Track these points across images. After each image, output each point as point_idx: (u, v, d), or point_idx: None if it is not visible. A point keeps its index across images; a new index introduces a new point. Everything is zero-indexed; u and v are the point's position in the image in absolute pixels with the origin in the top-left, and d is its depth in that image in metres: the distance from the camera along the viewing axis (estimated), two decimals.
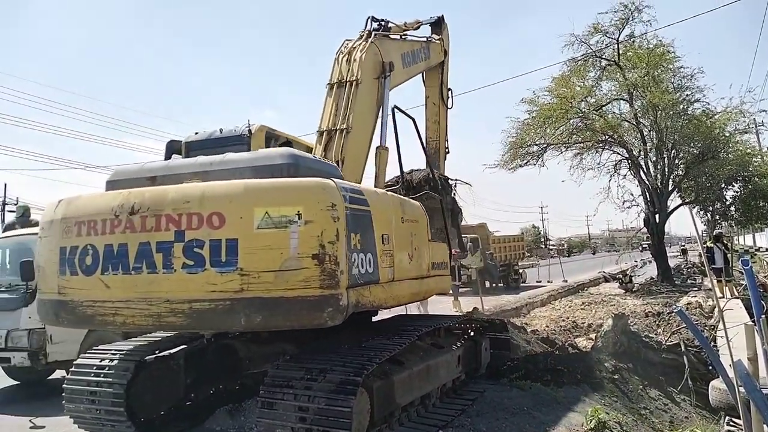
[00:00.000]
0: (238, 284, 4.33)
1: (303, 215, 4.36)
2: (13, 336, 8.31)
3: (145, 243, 4.57)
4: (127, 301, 4.64)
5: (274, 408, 4.73)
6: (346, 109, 7.25)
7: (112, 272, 4.67)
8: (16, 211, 14.59)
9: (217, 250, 4.37)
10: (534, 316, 16.95)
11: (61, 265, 4.93)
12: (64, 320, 5.10)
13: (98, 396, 5.60)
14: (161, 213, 4.56)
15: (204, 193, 4.55)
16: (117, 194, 4.89)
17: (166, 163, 5.54)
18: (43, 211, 5.77)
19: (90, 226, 4.81)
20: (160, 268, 4.51)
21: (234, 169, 5.06)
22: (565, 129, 22.83)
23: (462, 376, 7.06)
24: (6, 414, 7.71)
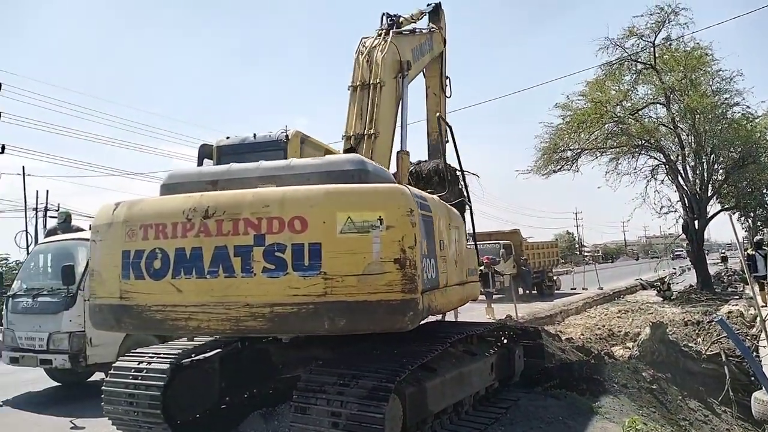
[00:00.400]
0: (322, 288, 4.35)
1: (385, 220, 4.40)
2: (54, 339, 8.54)
3: (221, 247, 4.56)
4: (202, 305, 4.60)
5: (307, 413, 4.75)
6: (371, 113, 7.26)
7: (184, 276, 4.64)
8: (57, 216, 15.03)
9: (300, 254, 4.39)
10: (569, 324, 16.71)
11: (124, 269, 4.87)
12: (128, 325, 5.03)
13: (136, 398, 5.69)
14: (239, 217, 4.56)
15: (284, 198, 4.57)
16: (187, 197, 4.86)
17: (227, 168, 5.51)
18: (90, 216, 5.91)
19: (159, 230, 4.77)
20: (238, 272, 4.51)
21: (301, 174, 5.07)
22: (599, 134, 22.53)
23: (495, 384, 6.98)
24: (48, 414, 7.94)
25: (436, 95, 10.65)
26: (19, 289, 9.48)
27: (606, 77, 22.74)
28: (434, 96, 10.65)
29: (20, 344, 8.94)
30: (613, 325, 15.35)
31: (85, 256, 8.93)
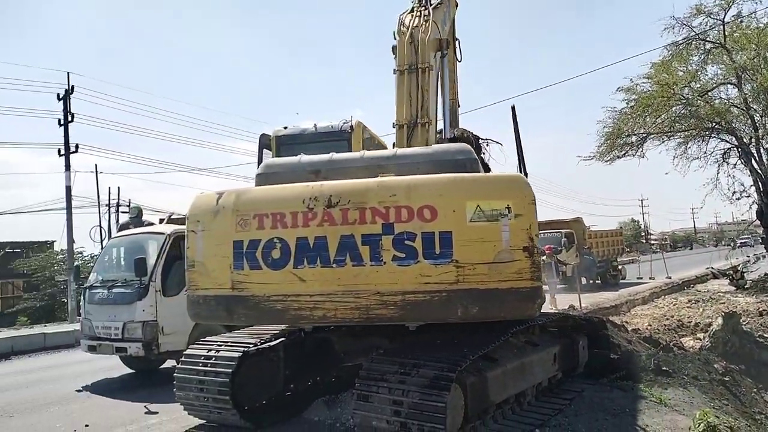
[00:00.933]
0: (454, 276, 4.42)
1: (513, 209, 4.46)
2: (128, 328, 8.95)
3: (348, 236, 4.59)
4: (328, 294, 4.61)
5: (370, 401, 4.83)
6: (423, 100, 7.13)
7: (308, 265, 4.65)
8: (129, 212, 15.72)
9: (431, 243, 4.46)
10: (635, 315, 16.22)
11: (236, 259, 4.82)
12: (241, 316, 4.96)
13: (206, 385, 5.91)
14: (365, 206, 4.59)
15: (411, 187, 4.62)
16: (305, 186, 4.86)
17: (328, 158, 5.52)
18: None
19: (276, 219, 4.76)
20: (367, 260, 4.54)
21: (410, 163, 5.11)
22: (666, 117, 21.65)
23: (559, 375, 6.88)
24: (123, 399, 8.33)
25: (451, 62, 10.14)
26: (95, 281, 9.95)
27: (672, 58, 21.77)
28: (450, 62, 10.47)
29: (97, 333, 9.41)
30: (682, 315, 14.83)
31: (156, 248, 9.34)
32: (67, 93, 23.12)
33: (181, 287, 9.25)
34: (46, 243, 34.28)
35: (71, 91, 23.18)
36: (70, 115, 23.14)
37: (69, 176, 23.16)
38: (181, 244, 9.47)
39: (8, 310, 30.34)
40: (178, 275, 9.33)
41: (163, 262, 9.17)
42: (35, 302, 28.85)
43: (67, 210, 23.15)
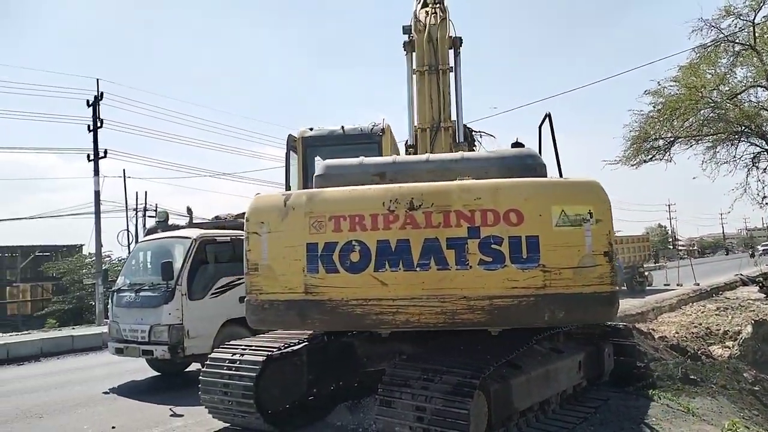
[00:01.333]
0: (541, 281, 4.43)
1: (594, 214, 4.49)
2: (155, 331, 9.07)
3: (432, 239, 4.54)
4: (412, 298, 4.55)
5: (393, 406, 4.83)
6: (445, 103, 7.09)
7: (390, 269, 4.58)
8: (156, 216, 15.93)
9: (518, 247, 4.46)
10: (662, 322, 15.99)
11: (310, 262, 4.70)
12: (316, 321, 4.81)
13: (230, 388, 5.96)
14: (449, 209, 4.56)
15: (496, 190, 4.61)
16: (383, 188, 4.80)
17: (391, 160, 5.45)
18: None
19: (354, 221, 4.67)
20: (452, 264, 4.50)
21: (480, 167, 5.08)
22: (694, 120, 21.27)
23: (583, 383, 6.80)
24: (149, 402, 8.44)
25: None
26: (122, 284, 10.12)
27: (701, 61, 21.38)
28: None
29: (124, 336, 9.55)
30: (710, 323, 14.59)
31: (182, 252, 9.46)
32: (97, 99, 23.56)
33: (207, 291, 9.43)
34: (75, 246, 34.93)
35: (100, 97, 23.63)
36: (99, 121, 23.59)
37: (98, 181, 23.60)
38: (207, 248, 9.64)
39: (38, 313, 30.90)
40: (203, 279, 9.49)
41: (189, 266, 9.29)
42: (64, 305, 29.36)
43: (95, 214, 23.58)
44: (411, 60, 7.91)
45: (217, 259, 9.81)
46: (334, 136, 7.04)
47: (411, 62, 7.91)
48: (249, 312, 5.09)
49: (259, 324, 5.22)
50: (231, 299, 9.68)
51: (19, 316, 32.31)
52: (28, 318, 31.15)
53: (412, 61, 7.88)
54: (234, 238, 10.05)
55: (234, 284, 9.74)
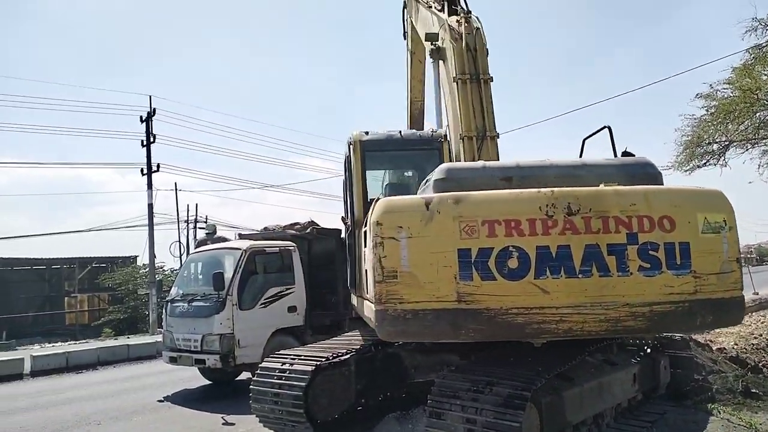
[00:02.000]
0: (693, 286, 4.47)
1: (727, 222, 4.61)
2: (207, 340, 9.27)
3: (593, 245, 4.49)
4: (576, 306, 4.46)
5: (442, 418, 4.79)
6: (489, 113, 7.05)
7: (551, 276, 4.45)
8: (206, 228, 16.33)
9: (672, 253, 4.49)
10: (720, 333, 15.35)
11: (463, 269, 4.46)
12: (470, 331, 4.50)
13: (281, 398, 6.05)
14: (608, 214, 4.53)
15: (649, 196, 4.63)
16: (538, 192, 4.68)
17: (515, 164, 5.30)
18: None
19: (511, 226, 4.50)
20: (614, 271, 4.47)
21: (604, 173, 5.06)
22: (750, 124, 20.52)
23: (638, 396, 6.61)
24: (202, 410, 8.63)
25: (421, 62, 10.58)
26: (176, 295, 10.40)
27: (756, 62, 20.65)
28: (419, 63, 10.61)
29: (178, 345, 9.80)
30: None
31: (233, 263, 9.65)
32: (149, 115, 24.39)
33: (256, 301, 9.60)
34: (130, 258, 36.05)
35: (153, 113, 24.44)
36: (152, 136, 24.39)
37: (151, 194, 24.36)
38: (256, 259, 9.82)
39: (95, 323, 32.00)
40: (253, 289, 9.65)
41: (240, 277, 9.47)
42: (119, 315, 30.30)
43: (149, 226, 24.34)
44: (438, 68, 7.88)
45: (266, 269, 9.98)
46: (392, 140, 6.94)
47: (438, 71, 7.89)
48: (385, 323, 4.59)
49: (398, 336, 4.78)
50: (280, 309, 9.84)
51: (77, 325, 33.49)
52: (86, 327, 32.25)
53: (438, 70, 7.86)
54: (282, 248, 10.22)
55: (283, 294, 9.90)
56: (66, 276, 36.26)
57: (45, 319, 34.13)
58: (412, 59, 10.95)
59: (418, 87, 11.03)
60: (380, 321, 4.60)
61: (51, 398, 10.20)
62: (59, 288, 36.30)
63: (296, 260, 10.24)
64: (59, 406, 9.50)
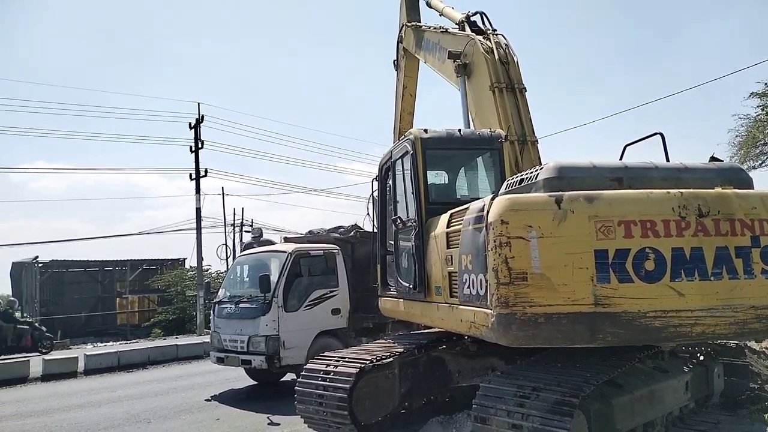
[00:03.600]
0: None
1: None
2: (253, 341, 9.43)
3: (722, 247, 4.52)
4: (709, 309, 4.44)
5: (488, 423, 4.74)
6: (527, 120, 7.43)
7: (685, 278, 4.41)
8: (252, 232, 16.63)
9: None
10: None
11: (600, 270, 4.33)
12: (608, 335, 4.35)
13: (325, 399, 6.09)
14: (734, 217, 4.58)
15: (764, 201, 4.71)
16: (667, 193, 4.66)
17: (623, 165, 5.28)
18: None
19: (646, 227, 4.44)
20: (741, 273, 4.51)
21: (704, 178, 5.12)
22: None
23: (691, 405, 6.40)
24: (248, 410, 8.78)
25: (412, 96, 11.29)
26: (223, 296, 10.61)
27: None
28: (410, 97, 11.29)
29: (225, 346, 10.00)
30: None
31: (278, 266, 9.80)
32: (198, 122, 24.98)
33: (301, 303, 9.72)
34: (178, 260, 36.98)
35: (201, 120, 25.03)
36: (200, 142, 24.97)
37: (199, 199, 24.94)
38: (301, 262, 9.94)
39: (145, 323, 32.94)
40: (298, 291, 9.78)
41: (285, 279, 9.61)
42: (168, 315, 31.11)
43: (197, 230, 24.92)
44: (465, 84, 8.33)
45: (311, 272, 10.10)
46: (453, 139, 6.94)
47: (465, 87, 8.33)
48: (513, 327, 4.35)
49: (528, 340, 4.46)
50: (324, 311, 9.94)
51: (127, 325, 34.54)
52: (136, 328, 33.24)
53: (466, 86, 8.31)
54: (326, 251, 10.32)
55: (327, 297, 10.00)
56: (118, 278, 37.44)
57: (97, 319, 35.35)
58: (404, 93, 11.34)
59: (408, 119, 11.44)
60: (506, 325, 4.37)
61: (103, 396, 10.54)
62: (111, 289, 37.52)
63: (340, 263, 10.32)
64: (111, 404, 9.81)
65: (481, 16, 8.63)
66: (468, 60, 8.20)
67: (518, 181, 5.26)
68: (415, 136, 6.74)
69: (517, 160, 7.15)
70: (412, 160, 6.72)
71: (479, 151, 7.18)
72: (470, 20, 8.69)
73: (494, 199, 4.60)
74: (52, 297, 34.71)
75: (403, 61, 11.26)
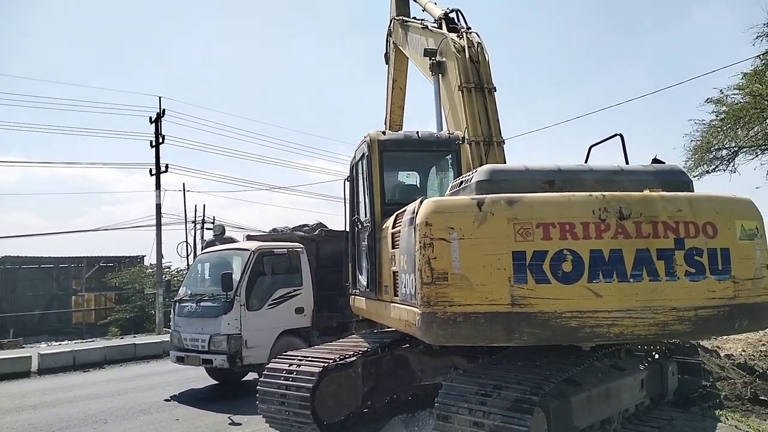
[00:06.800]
0: (732, 291, 4.58)
1: (759, 229, 4.76)
2: (215, 340, 9.29)
3: (643, 249, 4.54)
4: (627, 310, 4.50)
5: (450, 421, 4.79)
6: (494, 120, 7.39)
7: (603, 280, 4.46)
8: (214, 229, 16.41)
9: (714, 259, 4.59)
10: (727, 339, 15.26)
11: (517, 271, 4.41)
12: (524, 335, 4.44)
13: (287, 398, 6.06)
14: (657, 219, 4.60)
15: (692, 203, 4.72)
16: (590, 196, 4.70)
17: (556, 168, 5.31)
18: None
19: (565, 229, 4.50)
20: (662, 275, 4.53)
21: (640, 180, 5.15)
22: (760, 129, 20.42)
23: (646, 402, 6.59)
24: (208, 410, 8.64)
25: (402, 90, 11.37)
26: (184, 295, 10.43)
27: (766, 67, 20.56)
28: (400, 90, 11.38)
29: (185, 345, 9.82)
30: None
31: (241, 264, 9.69)
32: (159, 116, 24.48)
33: (264, 302, 9.62)
34: (137, 258, 36.23)
35: (162, 114, 24.54)
36: (161, 137, 24.49)
37: (159, 194, 24.45)
38: (264, 260, 9.85)
39: (101, 322, 32.17)
40: (261, 290, 9.68)
41: (248, 278, 9.50)
42: (126, 314, 30.45)
43: (156, 226, 24.41)
44: (438, 82, 8.30)
45: (274, 270, 10.01)
46: (410, 141, 6.96)
47: (438, 84, 8.30)
48: (435, 326, 4.48)
49: (448, 339, 4.59)
50: (287, 310, 9.86)
51: (83, 324, 33.70)
52: (92, 326, 32.47)
53: (439, 84, 8.27)
54: (290, 250, 10.25)
55: (290, 295, 9.93)
56: (73, 275, 36.52)
57: (52, 317, 34.39)
58: (394, 86, 11.41)
59: (398, 113, 11.53)
60: (428, 324, 4.49)
61: (58, 396, 10.24)
62: (67, 287, 36.56)
63: (304, 262, 10.26)
64: (66, 404, 9.54)
65: (457, 13, 8.61)
66: (442, 58, 8.18)
67: (458, 183, 5.38)
68: (371, 138, 6.79)
69: (482, 160, 7.22)
70: (368, 161, 6.77)
71: (438, 153, 7.24)
72: (448, 17, 8.63)
73: (422, 202, 4.71)
74: (4, 294, 33.68)
75: (393, 55, 11.22)
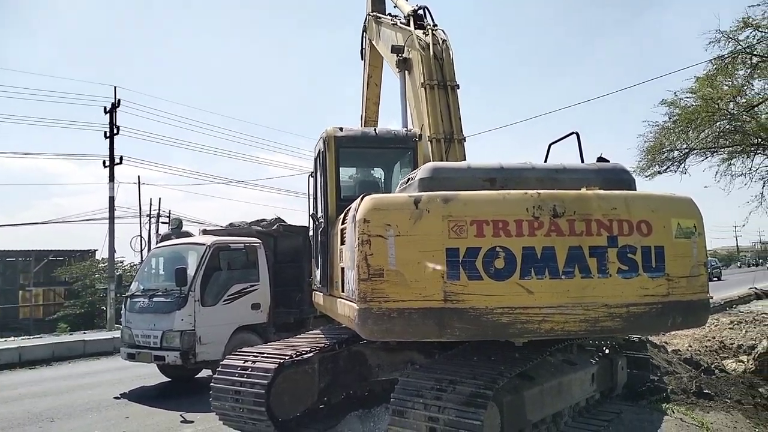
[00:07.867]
0: (666, 289, 4.61)
1: (697, 227, 4.79)
2: (167, 336, 9.11)
3: (576, 247, 4.56)
4: (558, 306, 4.52)
5: (405, 416, 4.80)
6: (456, 117, 7.43)
7: (535, 276, 4.50)
8: (170, 223, 16.05)
9: (648, 256, 4.61)
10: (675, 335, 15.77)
11: (450, 268, 4.44)
12: (456, 330, 4.49)
13: (242, 395, 5.97)
14: (590, 217, 4.62)
15: (627, 201, 4.74)
16: (525, 194, 4.71)
17: (499, 166, 5.32)
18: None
19: (498, 227, 4.53)
20: (594, 272, 4.56)
21: (582, 178, 5.15)
22: (710, 132, 21.12)
23: (596, 396, 6.74)
24: (160, 408, 8.49)
25: (377, 86, 11.38)
26: (136, 290, 10.19)
27: (717, 72, 21.20)
28: (375, 87, 11.36)
29: (137, 341, 9.61)
30: (724, 336, 14.36)
31: (196, 259, 9.51)
32: (114, 106, 23.80)
33: (219, 297, 9.48)
34: (88, 252, 35.22)
35: (118, 104, 23.86)
36: (115, 127, 23.82)
37: (113, 187, 23.77)
38: (220, 255, 9.69)
39: (49, 317, 31.17)
40: (216, 286, 9.53)
41: (203, 273, 9.34)
42: (75, 309, 29.60)
43: (109, 220, 23.74)
44: (404, 79, 8.31)
45: (231, 265, 9.87)
46: (367, 137, 6.95)
47: (404, 81, 8.31)
48: (370, 321, 4.52)
49: (383, 334, 4.67)
50: (243, 306, 9.74)
51: (31, 319, 32.58)
52: (40, 322, 31.39)
53: (405, 80, 8.28)
54: (247, 245, 10.11)
55: (247, 291, 9.80)
56: (21, 269, 35.29)
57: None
58: (369, 82, 11.38)
59: (373, 109, 11.54)
60: (364, 320, 4.53)
61: (2, 394, 9.90)
62: (13, 281, 35.26)
63: (261, 257, 10.14)
64: (10, 402, 9.23)
65: (424, 10, 8.65)
66: (408, 55, 8.20)
67: (406, 180, 5.42)
68: (327, 135, 6.78)
69: (442, 157, 7.25)
70: (322, 157, 6.76)
71: (394, 150, 7.25)
72: (416, 14, 8.68)
73: (362, 199, 4.71)
74: None
75: (368, 51, 11.13)
